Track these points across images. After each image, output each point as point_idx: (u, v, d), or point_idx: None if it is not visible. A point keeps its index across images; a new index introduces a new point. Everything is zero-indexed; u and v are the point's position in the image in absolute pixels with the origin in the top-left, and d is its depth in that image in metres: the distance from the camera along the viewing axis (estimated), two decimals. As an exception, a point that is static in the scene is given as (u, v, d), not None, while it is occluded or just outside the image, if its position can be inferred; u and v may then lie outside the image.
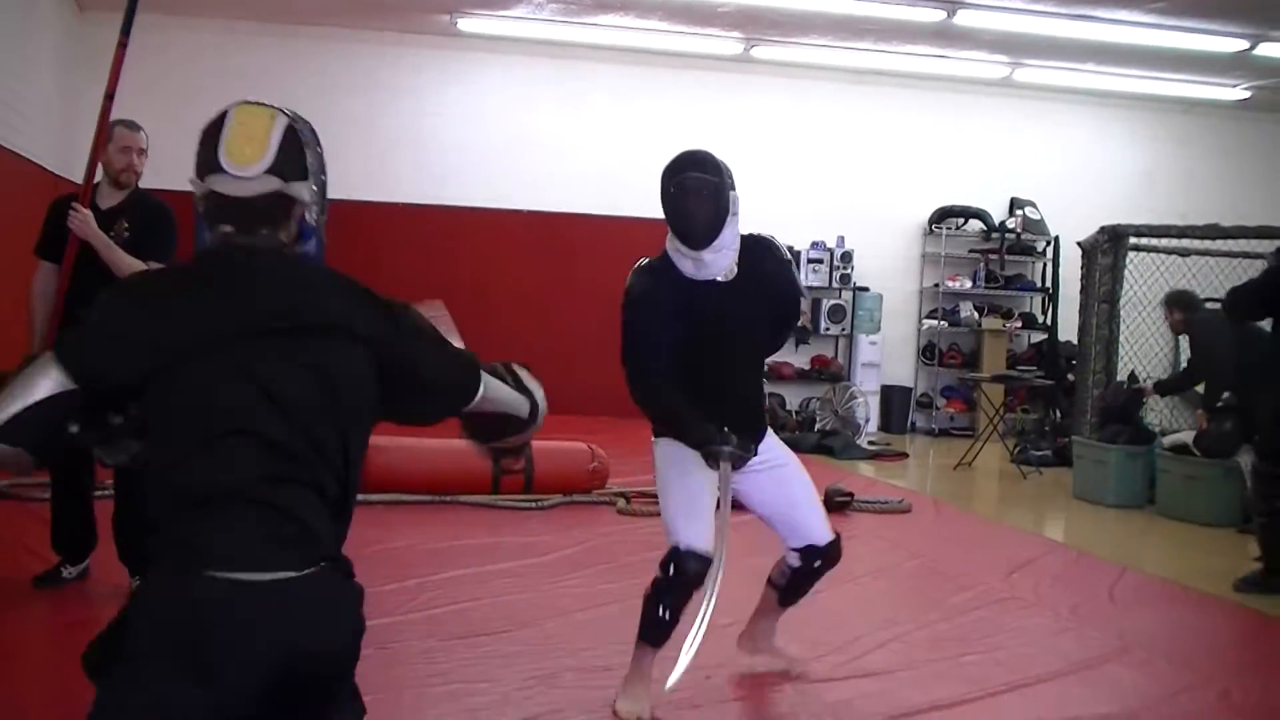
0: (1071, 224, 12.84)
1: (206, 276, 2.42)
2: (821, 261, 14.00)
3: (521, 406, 2.78)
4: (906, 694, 4.67)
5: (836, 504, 8.00)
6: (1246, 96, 14.10)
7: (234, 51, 12.58)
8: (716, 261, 4.25)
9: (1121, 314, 10.73)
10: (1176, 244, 10.73)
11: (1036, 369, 13.62)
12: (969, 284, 14.63)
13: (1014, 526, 8.74)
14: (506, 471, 7.50)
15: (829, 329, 13.96)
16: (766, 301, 4.39)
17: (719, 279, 4.27)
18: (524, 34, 12.79)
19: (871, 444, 12.60)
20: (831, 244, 14.02)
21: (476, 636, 5.04)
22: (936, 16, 11.22)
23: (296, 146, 2.47)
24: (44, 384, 2.24)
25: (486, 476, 7.71)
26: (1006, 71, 13.60)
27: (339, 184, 3.00)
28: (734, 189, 4.27)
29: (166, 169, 10.90)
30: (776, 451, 4.49)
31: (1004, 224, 14.47)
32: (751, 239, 4.39)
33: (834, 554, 4.54)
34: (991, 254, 14.47)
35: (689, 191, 4.22)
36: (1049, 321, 13.81)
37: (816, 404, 13.39)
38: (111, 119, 5.22)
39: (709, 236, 4.20)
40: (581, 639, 5.15)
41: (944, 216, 14.49)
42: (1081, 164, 14.74)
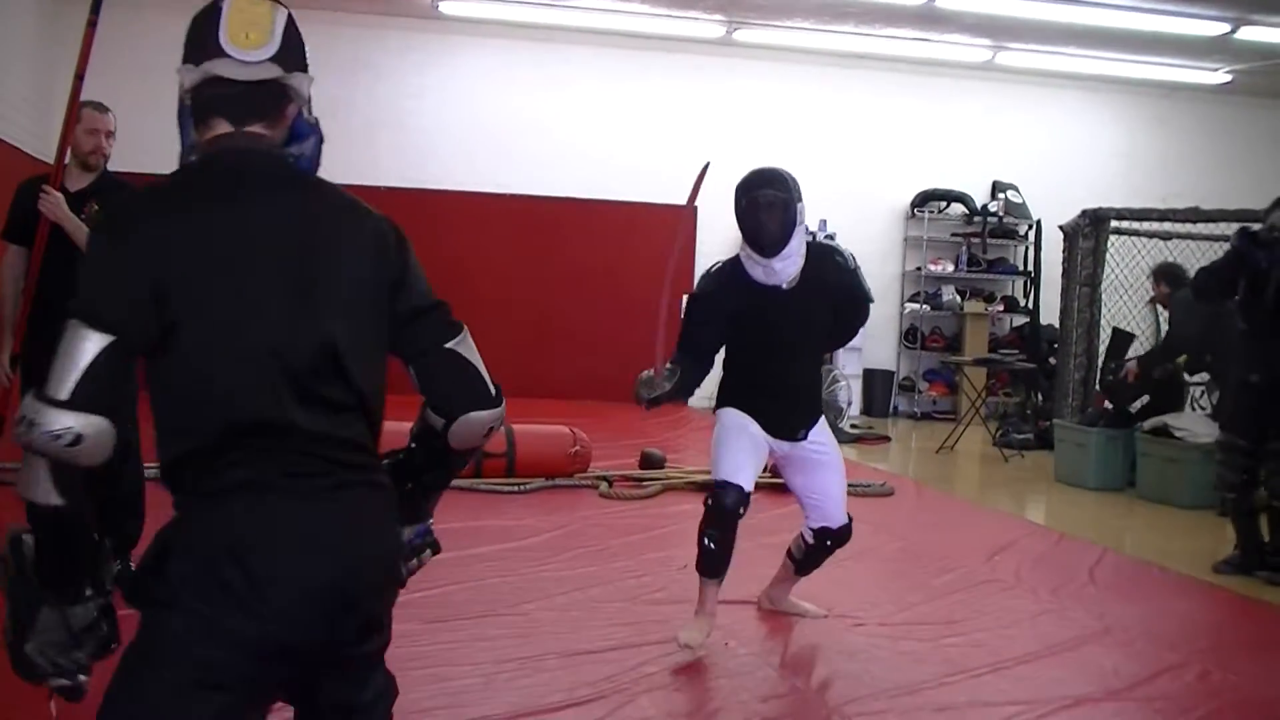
0: (1053, 207, 12.88)
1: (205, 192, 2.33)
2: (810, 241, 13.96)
3: (487, 377, 2.53)
4: (887, 675, 4.68)
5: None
6: (1228, 80, 14.13)
7: (214, 34, 12.51)
8: (785, 269, 4.72)
9: (1103, 297, 10.77)
10: (1158, 227, 10.76)
11: (1018, 352, 13.66)
12: (951, 267, 14.66)
13: (995, 509, 8.77)
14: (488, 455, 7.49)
15: (811, 313, 13.93)
16: (827, 306, 4.88)
17: (784, 285, 4.74)
18: (506, 17, 12.77)
19: (854, 427, 12.62)
20: (814, 227, 13.99)
21: (458, 620, 5.03)
22: (919, 0, 11.21)
23: (297, 38, 2.40)
24: (85, 349, 2.13)
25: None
26: (989, 55, 13.62)
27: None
28: (800, 200, 4.71)
29: (147, 151, 10.82)
30: (824, 443, 4.98)
31: (986, 207, 14.51)
32: (817, 247, 4.95)
33: (845, 535, 5.10)
34: (973, 237, 14.49)
35: (761, 206, 4.66)
36: (1031, 305, 13.85)
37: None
38: (81, 100, 5.17)
39: (778, 246, 4.66)
40: (564, 622, 5.14)
41: (926, 200, 14.51)
42: (1063, 148, 14.77)
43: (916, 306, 14.61)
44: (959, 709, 4.37)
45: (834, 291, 4.87)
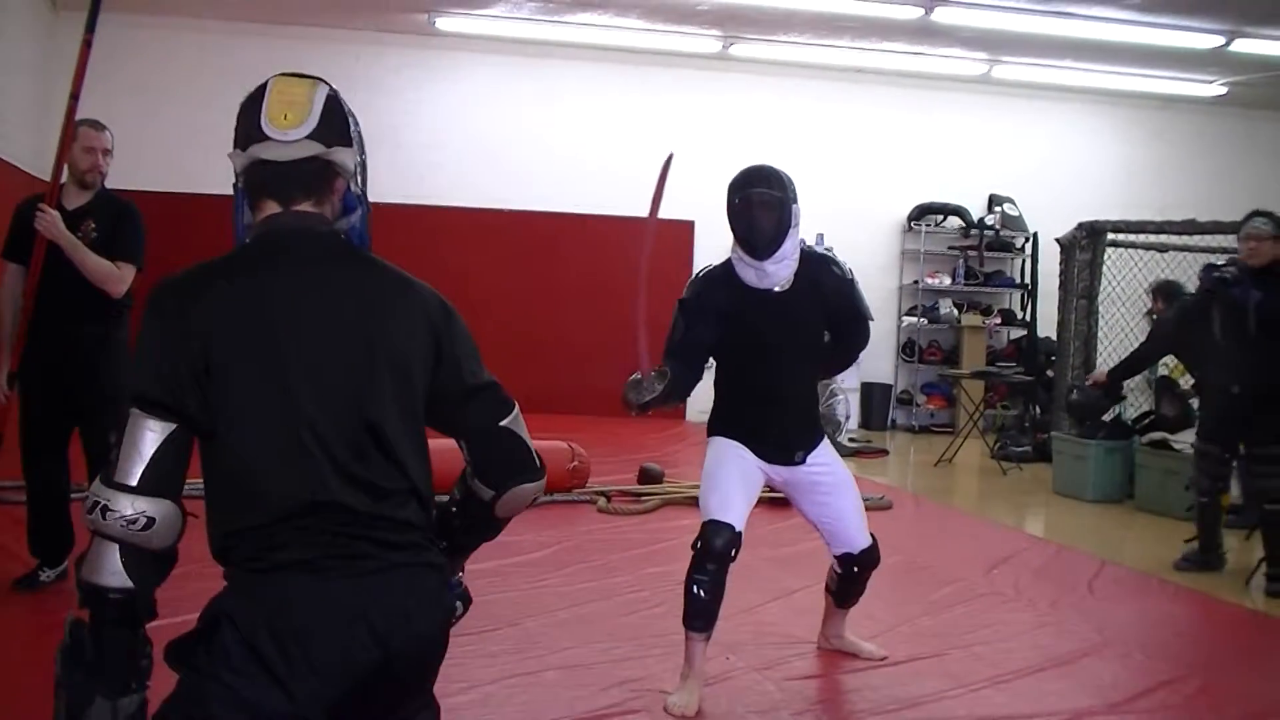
0: (1050, 220, 12.89)
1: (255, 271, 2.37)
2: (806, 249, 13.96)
3: (533, 449, 2.59)
4: (887, 689, 4.68)
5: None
6: (1223, 92, 14.16)
7: (210, 51, 12.53)
8: (778, 271, 4.48)
9: (1100, 309, 10.78)
10: (1154, 239, 10.77)
11: (1016, 365, 13.66)
12: (948, 280, 14.66)
13: (994, 522, 8.76)
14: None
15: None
16: (821, 314, 4.62)
17: (776, 289, 4.51)
18: (502, 33, 12.78)
19: (852, 441, 12.60)
20: (811, 241, 13.95)
21: (457, 635, 4.94)
22: (915, 14, 11.23)
23: (339, 113, 2.45)
24: (147, 437, 2.22)
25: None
26: (985, 68, 13.64)
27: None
28: (795, 202, 4.47)
29: (143, 169, 10.81)
30: (828, 464, 4.73)
31: (983, 220, 14.51)
32: (811, 253, 4.67)
33: (869, 559, 4.81)
34: (971, 250, 14.49)
35: (754, 205, 4.42)
36: (1028, 317, 13.85)
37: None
38: (78, 119, 5.18)
39: (772, 248, 4.42)
40: (563, 637, 5.14)
41: (923, 213, 14.52)
42: (1060, 160, 14.78)
43: (914, 320, 14.61)
44: (959, 722, 4.37)
45: (829, 298, 4.59)
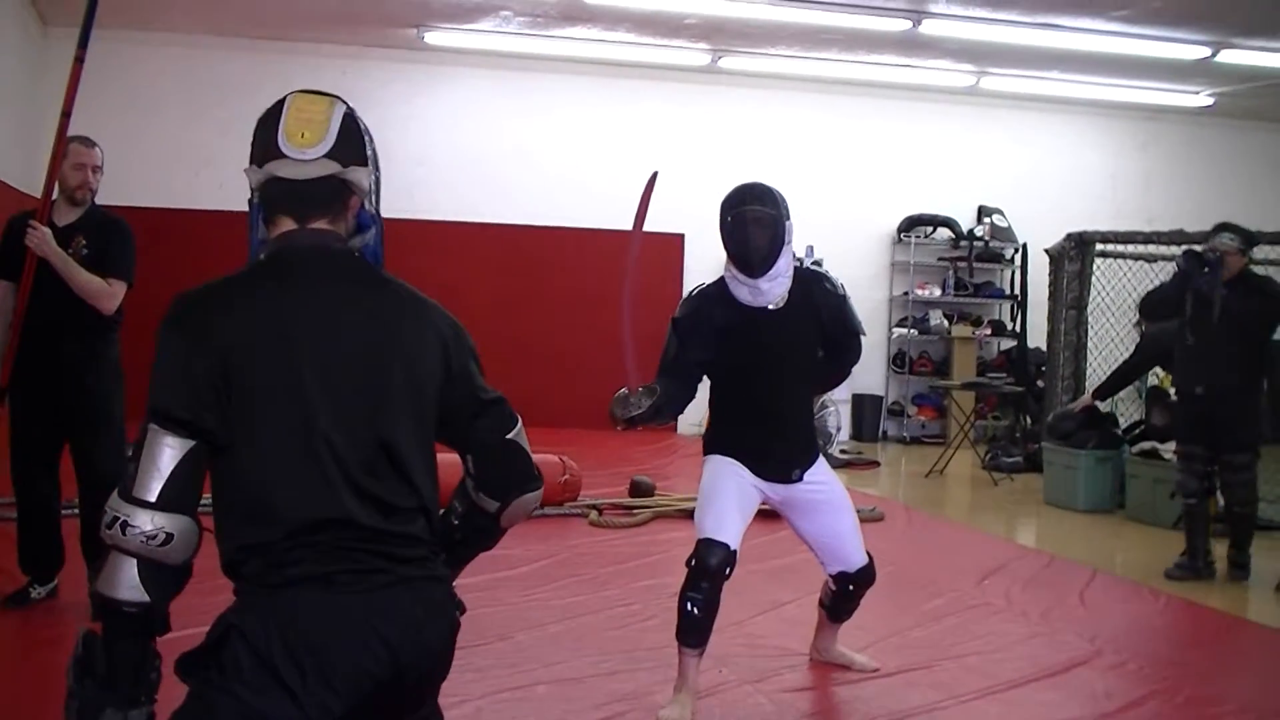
0: (1039, 231, 12.93)
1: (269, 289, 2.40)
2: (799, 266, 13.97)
3: (532, 459, 2.70)
4: (879, 701, 4.68)
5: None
6: (1210, 103, 14.21)
7: (199, 66, 12.55)
8: (772, 289, 4.47)
9: (1089, 319, 10.81)
10: (1142, 249, 10.79)
11: (1006, 375, 13.67)
12: (938, 292, 14.69)
13: (985, 532, 8.76)
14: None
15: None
16: (815, 330, 4.60)
17: (770, 306, 4.49)
18: (491, 47, 12.79)
19: (843, 452, 12.61)
20: (801, 253, 14.02)
21: (449, 650, 5.01)
22: (902, 26, 11.27)
23: (355, 133, 2.47)
24: (165, 454, 2.25)
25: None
26: (972, 80, 13.68)
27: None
28: (789, 219, 4.48)
29: (134, 185, 10.81)
30: (824, 481, 4.71)
31: (972, 231, 14.54)
32: (804, 271, 4.66)
33: (866, 577, 4.82)
34: (960, 261, 14.52)
35: (748, 222, 4.41)
36: (1018, 328, 13.87)
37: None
38: (68, 135, 5.18)
39: (766, 265, 4.41)
40: (554, 651, 5.13)
41: (912, 225, 14.54)
42: (1048, 171, 14.82)
43: (904, 331, 14.62)
44: (951, 733, 4.37)
45: (822, 314, 4.57)
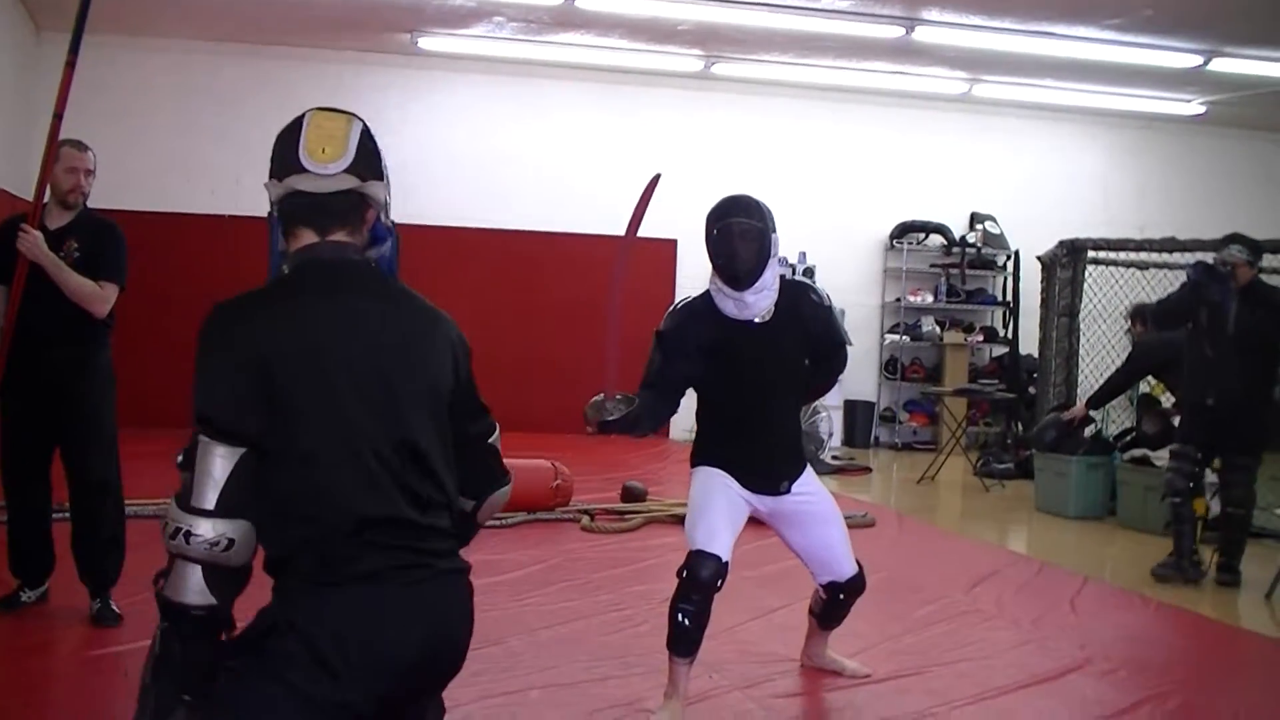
0: (1031, 238, 12.97)
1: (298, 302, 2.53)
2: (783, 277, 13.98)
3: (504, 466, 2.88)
4: (871, 708, 4.68)
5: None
6: (1202, 111, 14.25)
7: (195, 71, 12.55)
8: (758, 302, 4.44)
9: (1081, 326, 10.83)
10: (1134, 257, 10.84)
11: (998, 382, 13.69)
12: (930, 298, 14.71)
13: (977, 539, 8.77)
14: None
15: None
16: (802, 342, 4.55)
17: (756, 320, 4.46)
18: (485, 52, 12.80)
19: (835, 459, 12.62)
20: (794, 260, 14.03)
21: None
22: (895, 33, 11.29)
23: (372, 149, 2.61)
24: (218, 463, 2.34)
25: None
26: (965, 87, 13.70)
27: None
28: (775, 231, 4.43)
29: (125, 189, 10.80)
30: (813, 492, 4.66)
31: (964, 238, 14.57)
32: (789, 282, 4.62)
33: (856, 587, 4.81)
34: (952, 268, 14.54)
35: (733, 235, 4.37)
36: (1010, 335, 13.90)
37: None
38: (60, 139, 5.17)
39: (752, 278, 4.38)
40: (546, 656, 5.13)
41: (905, 231, 14.56)
42: (1041, 178, 14.85)
43: (896, 337, 14.64)
44: (942, 740, 4.37)
45: (809, 326, 4.54)
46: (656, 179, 4.48)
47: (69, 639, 5.16)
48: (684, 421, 4.90)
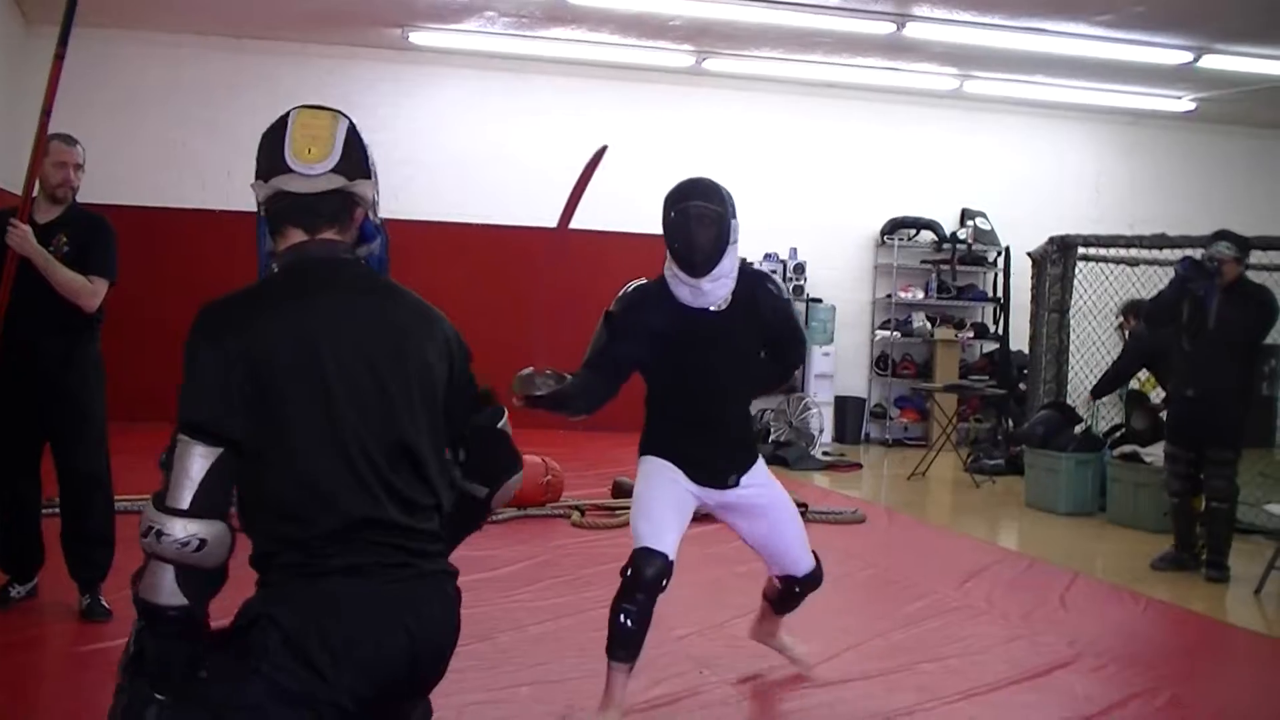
0: (1022, 234, 12.97)
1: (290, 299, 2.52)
2: (774, 273, 13.98)
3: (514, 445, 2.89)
4: (860, 704, 4.69)
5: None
6: (1192, 107, 14.27)
7: (184, 65, 12.52)
8: (714, 290, 4.24)
9: (1071, 323, 10.84)
10: (1125, 254, 10.83)
11: (989, 378, 13.70)
12: (921, 294, 14.72)
13: (967, 535, 8.79)
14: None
15: (783, 340, 13.96)
16: (758, 332, 4.37)
17: (712, 308, 4.27)
18: (476, 47, 12.79)
19: (826, 454, 12.64)
20: (784, 256, 14.06)
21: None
22: (886, 29, 11.30)
23: (359, 146, 2.58)
24: (196, 463, 2.33)
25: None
26: (956, 83, 13.71)
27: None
28: (735, 217, 4.23)
29: (115, 184, 10.77)
30: (763, 484, 4.47)
31: (955, 235, 14.59)
32: (748, 271, 4.38)
33: (814, 580, 4.68)
34: (943, 264, 14.56)
35: (691, 219, 4.17)
36: (1001, 331, 13.91)
37: (771, 415, 13.40)
38: (49, 133, 5.15)
39: (709, 265, 4.17)
40: (537, 652, 5.13)
41: (896, 228, 14.58)
42: (1031, 175, 14.88)
43: (887, 334, 14.65)
44: (932, 736, 4.38)
45: (765, 317, 4.35)
46: (602, 151, 4.33)
47: (59, 634, 5.15)
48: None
